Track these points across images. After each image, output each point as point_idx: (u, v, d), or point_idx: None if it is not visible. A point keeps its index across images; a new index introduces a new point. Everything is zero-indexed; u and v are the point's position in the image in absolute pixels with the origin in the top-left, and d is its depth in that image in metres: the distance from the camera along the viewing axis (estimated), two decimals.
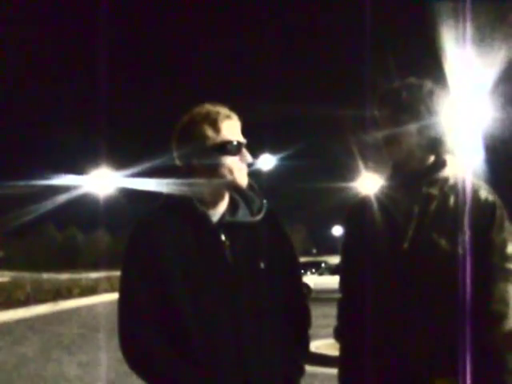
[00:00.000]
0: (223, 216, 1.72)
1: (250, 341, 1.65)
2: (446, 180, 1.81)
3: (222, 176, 1.70)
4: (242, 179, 1.72)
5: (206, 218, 1.69)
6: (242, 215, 1.74)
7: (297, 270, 1.91)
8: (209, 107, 1.73)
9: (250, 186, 1.80)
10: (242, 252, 1.70)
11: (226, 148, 1.69)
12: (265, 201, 1.79)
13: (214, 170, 1.71)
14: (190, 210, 1.69)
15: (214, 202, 1.73)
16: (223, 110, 1.72)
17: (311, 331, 1.88)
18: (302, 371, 1.80)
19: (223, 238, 1.69)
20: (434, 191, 1.79)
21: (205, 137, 1.70)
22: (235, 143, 1.70)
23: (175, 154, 1.76)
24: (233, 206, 1.76)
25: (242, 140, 1.72)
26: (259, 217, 1.75)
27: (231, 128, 1.71)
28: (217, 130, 1.69)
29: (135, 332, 1.63)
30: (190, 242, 1.67)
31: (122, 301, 1.67)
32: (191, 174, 1.74)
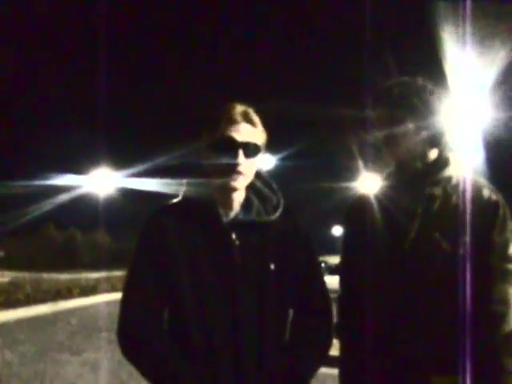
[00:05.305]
0: (236, 215, 1.72)
1: (249, 340, 1.64)
2: (449, 179, 1.80)
3: (217, 176, 1.70)
4: (233, 181, 1.68)
5: (217, 217, 1.69)
6: (256, 214, 1.73)
7: (315, 273, 1.81)
8: (220, 107, 1.72)
9: (267, 184, 1.79)
10: (252, 252, 1.68)
11: (218, 147, 1.67)
12: (282, 200, 1.77)
13: (210, 170, 1.72)
14: (201, 209, 1.69)
15: (226, 201, 1.72)
16: (231, 111, 1.69)
17: None
18: (306, 378, 1.73)
19: (233, 236, 1.68)
20: (437, 191, 1.78)
21: (205, 136, 1.72)
22: (228, 143, 1.66)
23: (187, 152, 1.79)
24: (248, 205, 1.74)
25: (240, 140, 1.67)
26: (274, 216, 1.73)
27: (231, 129, 1.68)
28: (215, 130, 1.69)
29: (137, 327, 1.64)
30: (199, 240, 1.67)
31: (125, 295, 1.69)
32: (198, 174, 1.76)
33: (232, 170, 1.67)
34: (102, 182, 25.93)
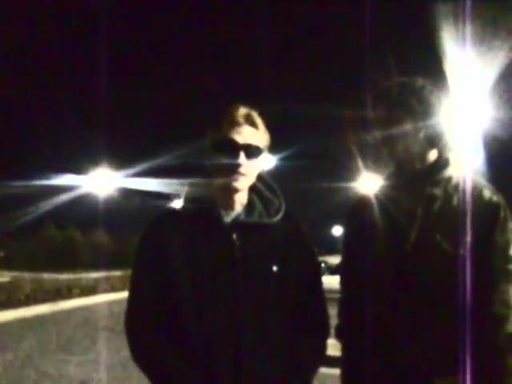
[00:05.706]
0: (238, 216, 1.73)
1: (250, 342, 1.64)
2: (449, 180, 1.80)
3: (218, 176, 1.71)
4: (235, 181, 1.69)
5: (217, 217, 1.70)
6: (258, 216, 1.73)
7: (316, 276, 1.83)
8: (225, 110, 1.73)
9: (269, 187, 1.80)
10: (253, 253, 1.69)
11: (220, 149, 1.69)
12: (284, 203, 1.78)
13: (212, 170, 1.73)
14: (202, 210, 1.70)
15: (227, 202, 1.73)
16: (234, 113, 1.70)
17: None
18: (306, 379, 1.73)
19: (234, 237, 1.68)
20: (438, 192, 1.78)
21: (208, 137, 1.73)
22: (230, 145, 1.68)
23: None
24: (250, 207, 1.75)
25: (241, 142, 1.68)
26: (276, 219, 1.74)
27: (233, 131, 1.68)
28: (218, 131, 1.70)
29: (138, 327, 1.68)
30: (200, 241, 1.68)
31: (129, 296, 1.72)
32: (200, 174, 1.77)
33: (233, 171, 1.68)
34: (102, 182, 25.96)
